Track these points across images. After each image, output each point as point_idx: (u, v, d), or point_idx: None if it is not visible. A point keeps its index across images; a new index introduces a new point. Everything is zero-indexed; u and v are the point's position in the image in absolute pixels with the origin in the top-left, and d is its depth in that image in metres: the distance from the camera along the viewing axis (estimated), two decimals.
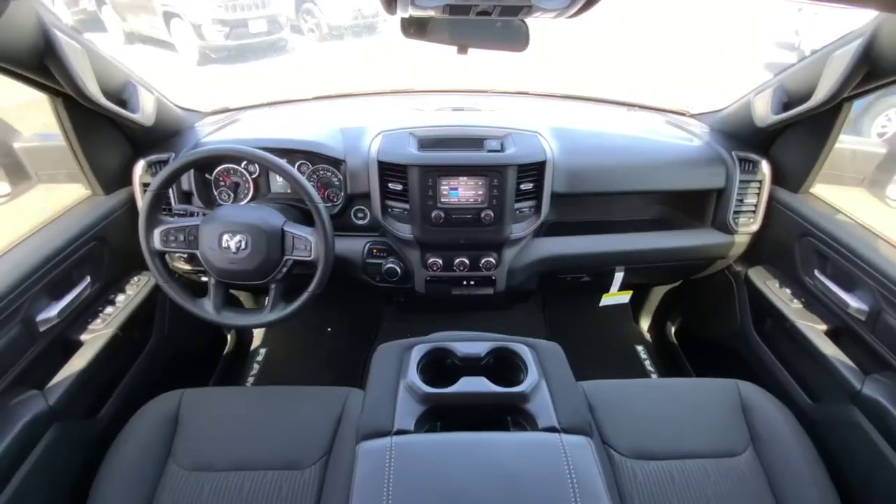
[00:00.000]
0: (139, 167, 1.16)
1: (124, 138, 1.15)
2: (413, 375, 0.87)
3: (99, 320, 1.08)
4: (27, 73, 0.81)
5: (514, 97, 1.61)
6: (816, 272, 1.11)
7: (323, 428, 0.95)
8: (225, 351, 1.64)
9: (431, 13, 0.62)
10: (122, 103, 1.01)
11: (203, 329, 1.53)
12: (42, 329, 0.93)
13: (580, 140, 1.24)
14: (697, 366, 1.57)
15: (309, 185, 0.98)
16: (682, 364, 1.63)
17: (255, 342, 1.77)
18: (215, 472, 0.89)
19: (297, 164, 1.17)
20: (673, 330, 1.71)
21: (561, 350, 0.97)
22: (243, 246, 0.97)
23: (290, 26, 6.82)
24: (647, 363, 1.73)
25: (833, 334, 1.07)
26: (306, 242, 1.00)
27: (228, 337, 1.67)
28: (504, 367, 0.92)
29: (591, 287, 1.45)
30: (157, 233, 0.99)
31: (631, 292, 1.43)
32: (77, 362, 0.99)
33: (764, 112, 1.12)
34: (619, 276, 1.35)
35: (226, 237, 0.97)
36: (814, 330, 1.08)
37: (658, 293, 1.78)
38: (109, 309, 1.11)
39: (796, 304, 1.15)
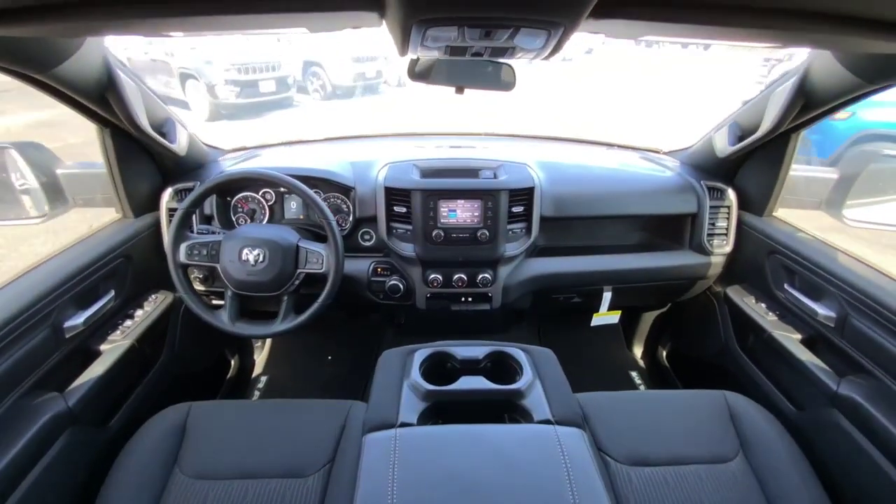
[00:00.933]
0: (167, 194, 1.27)
1: (156, 168, 1.28)
2: (416, 376, 0.93)
3: (118, 332, 1.14)
4: (89, 103, 0.94)
5: (504, 139, 1.78)
6: (786, 286, 1.21)
7: (326, 438, 0.98)
8: (228, 375, 1.68)
9: (435, 53, 0.77)
10: (163, 135, 1.15)
11: (209, 351, 1.58)
12: (68, 336, 1.00)
13: (564, 171, 1.39)
14: (687, 383, 1.63)
15: (322, 203, 1.10)
16: (672, 382, 1.68)
17: (258, 369, 1.80)
18: (219, 480, 0.92)
19: (312, 190, 1.29)
20: (664, 354, 1.77)
21: (554, 355, 1.04)
22: (261, 259, 1.07)
23: (297, 87, 7.36)
24: (639, 381, 1.78)
25: (808, 342, 1.15)
26: (318, 256, 1.10)
27: (232, 362, 1.71)
28: (501, 369, 0.99)
29: (582, 309, 1.53)
30: (182, 247, 1.09)
31: (619, 312, 1.52)
32: (96, 369, 1.04)
33: (723, 144, 1.28)
34: (607, 296, 1.44)
35: (246, 251, 1.07)
36: (790, 339, 1.16)
37: (648, 319, 1.86)
38: (128, 322, 1.18)
39: (772, 317, 1.24)
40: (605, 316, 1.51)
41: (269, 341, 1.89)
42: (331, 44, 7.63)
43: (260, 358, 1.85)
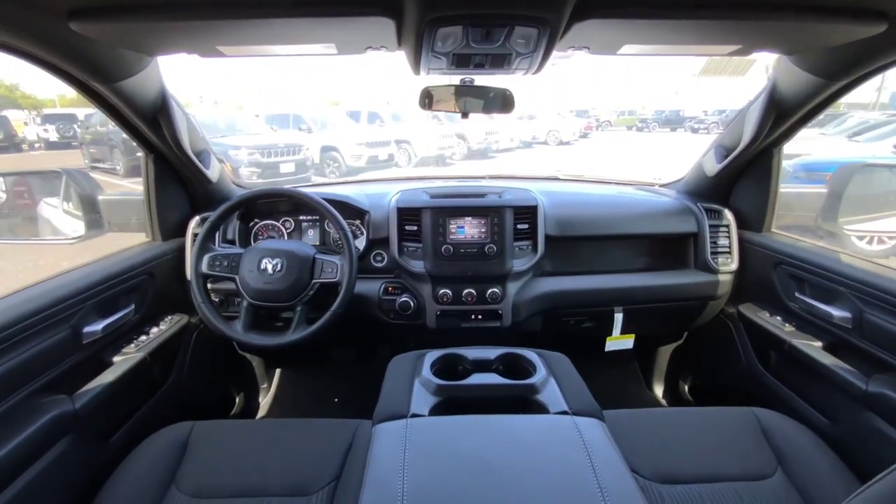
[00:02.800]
0: (193, 221, 1.37)
1: (186, 197, 1.39)
2: (427, 373, 0.92)
3: (133, 346, 1.15)
4: (142, 122, 1.07)
5: (507, 180, 1.91)
6: (797, 294, 1.21)
7: (333, 455, 0.94)
8: (231, 412, 1.62)
9: (443, 64, 0.90)
10: (200, 162, 1.28)
11: (215, 383, 1.55)
12: (85, 341, 1.02)
13: (565, 197, 1.48)
14: None
15: (339, 215, 1.17)
16: None
17: (261, 411, 1.74)
18: (217, 498, 0.87)
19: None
20: (686, 388, 1.69)
21: (568, 360, 1.03)
22: (279, 268, 1.12)
23: (315, 169, 7.96)
24: None
25: (829, 348, 1.12)
26: (333, 266, 1.15)
27: (237, 399, 1.66)
28: (513, 370, 0.98)
29: (594, 335, 1.51)
30: (206, 258, 1.15)
31: (633, 336, 1.49)
32: (106, 377, 1.04)
33: (711, 165, 1.37)
34: (618, 318, 1.43)
35: (265, 260, 1.12)
36: (811, 346, 1.13)
37: (666, 354, 1.80)
38: (143, 338, 1.19)
39: (789, 328, 1.22)
40: (619, 340, 1.48)
41: (274, 383, 1.85)
42: (346, 130, 8.39)
43: (265, 401, 1.80)
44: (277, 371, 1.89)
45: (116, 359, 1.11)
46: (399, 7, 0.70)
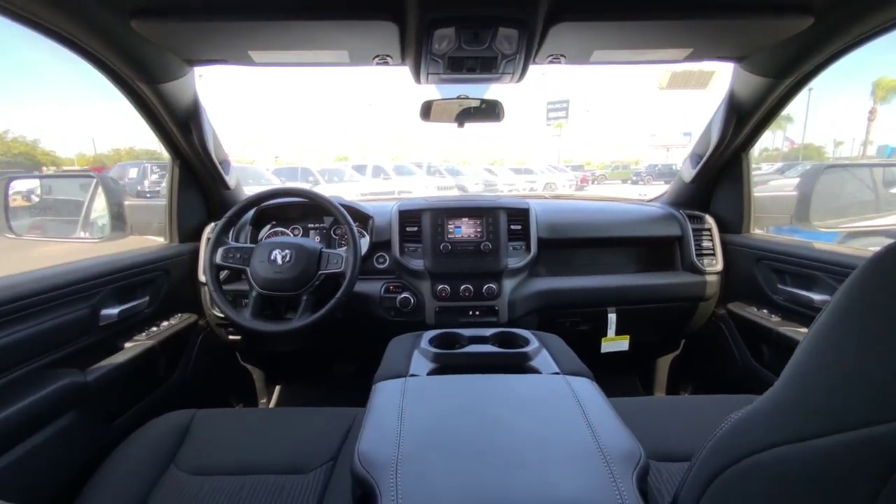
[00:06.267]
0: (209, 227, 1.47)
1: (204, 204, 1.50)
2: (425, 345, 0.98)
3: (144, 335, 1.21)
4: (174, 126, 1.20)
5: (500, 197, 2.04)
6: (780, 286, 1.27)
7: (331, 439, 0.97)
8: None
9: (440, 68, 1.04)
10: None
11: (215, 386, 1.56)
12: (101, 323, 1.08)
13: (556, 205, 1.59)
14: None
15: (345, 211, 1.27)
16: None
17: None
18: (215, 475, 0.89)
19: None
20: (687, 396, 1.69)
21: (561, 340, 1.08)
22: (288, 259, 1.20)
23: None
24: None
25: None
26: (338, 258, 1.23)
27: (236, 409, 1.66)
28: (508, 345, 1.02)
29: (590, 338, 1.55)
30: (220, 250, 1.23)
31: (628, 338, 1.52)
32: (117, 358, 1.09)
33: (688, 171, 1.50)
34: (612, 318, 1.48)
35: (275, 252, 1.21)
36: (797, 332, 1.18)
37: (664, 366, 1.81)
38: (154, 329, 1.25)
39: (775, 318, 1.27)
40: (615, 342, 1.51)
41: (273, 399, 1.85)
42: (352, 182, 8.74)
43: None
44: (277, 388, 1.89)
45: (128, 344, 1.16)
46: (401, 11, 0.85)
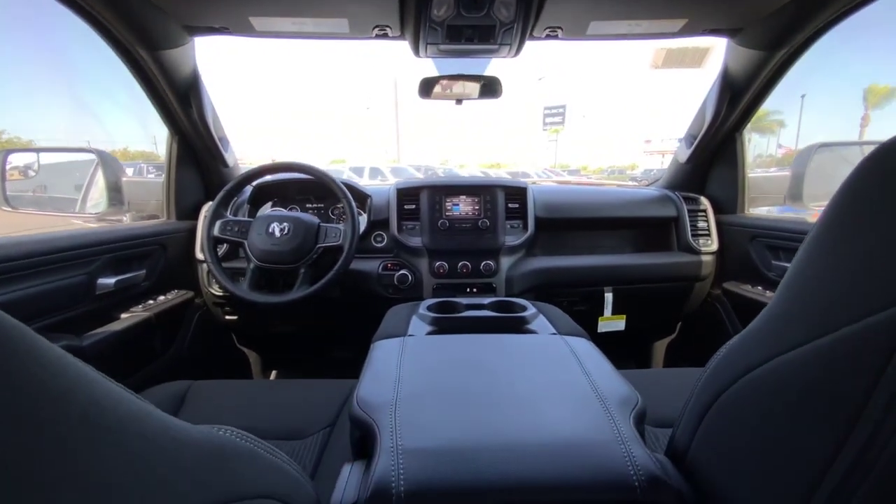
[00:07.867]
0: (206, 206, 1.47)
1: (201, 183, 1.50)
2: (423, 310, 0.98)
3: (140, 307, 1.20)
4: (174, 97, 1.21)
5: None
6: (774, 262, 1.29)
7: (329, 406, 0.97)
8: None
9: (439, 37, 1.05)
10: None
11: (209, 372, 1.55)
12: (98, 292, 1.07)
13: (554, 187, 1.60)
14: None
15: (344, 187, 1.27)
16: None
17: None
18: None
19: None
20: None
21: (559, 309, 1.08)
22: (286, 231, 1.20)
23: None
24: None
25: None
26: (336, 231, 1.23)
27: None
28: (505, 311, 1.03)
29: (587, 319, 1.55)
30: (218, 223, 1.23)
31: (624, 317, 1.53)
32: (113, 327, 1.09)
33: (682, 152, 1.51)
34: (609, 298, 1.49)
35: (274, 224, 1.21)
36: None
37: (661, 350, 1.82)
38: (150, 302, 1.24)
39: (770, 294, 1.28)
40: (611, 321, 1.51)
41: None
42: None
43: None
44: (273, 372, 1.88)
45: (124, 315, 1.15)
46: None
